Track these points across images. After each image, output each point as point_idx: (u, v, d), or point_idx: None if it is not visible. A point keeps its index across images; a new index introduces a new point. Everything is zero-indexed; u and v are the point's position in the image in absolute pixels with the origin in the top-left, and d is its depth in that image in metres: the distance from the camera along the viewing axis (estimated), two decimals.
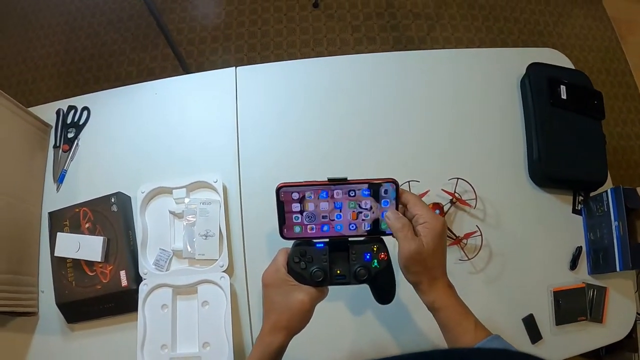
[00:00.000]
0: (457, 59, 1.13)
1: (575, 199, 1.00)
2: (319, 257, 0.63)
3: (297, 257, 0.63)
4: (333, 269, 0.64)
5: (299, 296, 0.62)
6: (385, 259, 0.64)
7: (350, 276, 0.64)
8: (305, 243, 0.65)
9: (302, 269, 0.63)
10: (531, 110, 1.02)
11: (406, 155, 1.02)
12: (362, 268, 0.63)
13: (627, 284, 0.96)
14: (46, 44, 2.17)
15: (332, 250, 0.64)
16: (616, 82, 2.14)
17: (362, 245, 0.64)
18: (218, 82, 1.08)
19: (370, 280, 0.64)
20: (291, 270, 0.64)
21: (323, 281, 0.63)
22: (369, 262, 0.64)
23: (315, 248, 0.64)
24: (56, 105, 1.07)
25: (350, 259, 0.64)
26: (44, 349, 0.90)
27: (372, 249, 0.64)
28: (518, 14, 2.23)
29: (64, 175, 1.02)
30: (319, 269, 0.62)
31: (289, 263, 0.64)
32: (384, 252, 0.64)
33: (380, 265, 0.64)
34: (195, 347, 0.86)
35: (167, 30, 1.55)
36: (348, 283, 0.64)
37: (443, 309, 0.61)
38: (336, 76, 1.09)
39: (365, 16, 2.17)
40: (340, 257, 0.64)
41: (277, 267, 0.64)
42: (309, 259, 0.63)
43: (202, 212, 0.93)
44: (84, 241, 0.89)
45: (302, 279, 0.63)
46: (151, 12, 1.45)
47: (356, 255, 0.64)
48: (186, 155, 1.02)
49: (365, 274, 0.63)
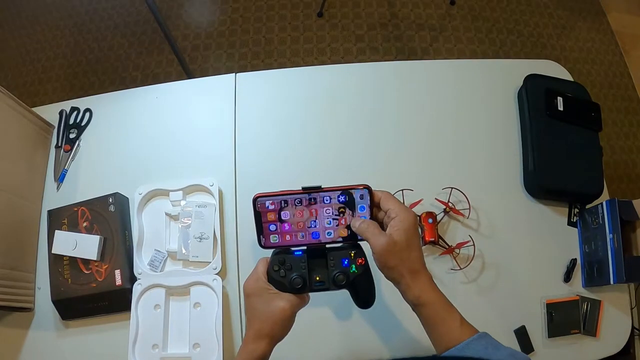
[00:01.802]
0: (456, 69, 1.14)
1: (570, 211, 1.00)
2: (298, 265, 0.64)
3: (276, 265, 0.64)
4: (312, 275, 0.64)
5: (280, 304, 0.62)
6: (363, 264, 0.65)
7: (330, 282, 0.64)
8: (284, 251, 0.66)
9: (281, 277, 0.64)
10: (527, 121, 1.02)
11: (400, 164, 1.03)
12: (341, 273, 0.64)
13: (621, 297, 0.95)
14: (53, 46, 2.21)
15: (310, 257, 0.65)
16: (619, 96, 2.14)
17: (340, 252, 0.65)
18: (218, 87, 1.10)
19: (349, 285, 0.64)
20: (271, 278, 0.64)
21: (302, 288, 0.63)
22: (347, 268, 0.64)
23: (294, 256, 0.65)
24: (59, 106, 1.09)
25: (328, 265, 0.65)
26: (38, 344, 0.91)
27: (350, 255, 0.65)
28: (521, 27, 2.24)
29: (64, 174, 1.04)
30: (298, 276, 0.63)
31: (269, 272, 0.64)
32: (362, 257, 0.65)
33: (359, 270, 0.64)
34: (186, 347, 0.86)
35: (171, 36, 1.57)
36: (327, 289, 0.65)
37: (428, 304, 0.60)
38: (333, 84, 1.11)
39: (369, 26, 2.19)
40: (318, 264, 0.65)
41: (257, 276, 0.65)
42: (288, 267, 0.64)
43: (198, 214, 0.94)
44: (81, 240, 0.91)
45: (282, 286, 0.63)
46: (155, 17, 1.47)
47: (334, 261, 0.65)
48: (184, 159, 1.03)
49: (343, 279, 0.63)
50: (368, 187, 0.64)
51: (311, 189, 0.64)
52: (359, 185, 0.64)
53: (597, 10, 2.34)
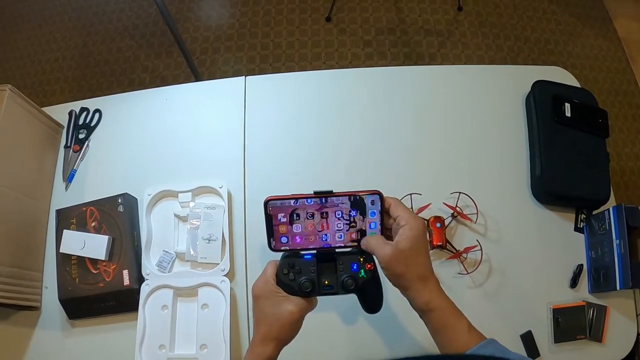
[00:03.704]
0: (464, 74, 1.15)
1: (577, 216, 1.00)
2: (307, 269, 0.64)
3: (285, 268, 0.64)
4: (321, 279, 0.65)
5: (288, 307, 0.62)
6: (372, 269, 0.65)
7: (338, 286, 0.64)
8: (294, 255, 0.66)
9: (290, 280, 0.64)
10: (535, 127, 1.02)
11: (409, 168, 1.03)
12: (350, 278, 0.64)
13: (627, 304, 0.95)
14: (62, 47, 2.23)
15: (319, 261, 0.65)
16: (625, 103, 2.13)
17: (349, 256, 0.66)
18: (228, 90, 1.11)
19: (357, 290, 0.65)
20: (280, 281, 0.64)
21: (311, 292, 0.63)
22: (356, 272, 0.65)
23: (303, 259, 0.66)
24: (69, 107, 1.10)
25: (337, 270, 0.65)
26: (44, 343, 0.92)
27: (359, 260, 0.65)
28: (529, 33, 2.24)
29: (73, 174, 1.04)
30: (307, 280, 0.63)
31: (278, 274, 0.65)
32: (371, 262, 0.65)
33: (367, 275, 0.65)
34: (193, 348, 0.86)
35: (180, 38, 1.58)
36: (336, 293, 0.65)
37: (437, 309, 0.61)
38: (343, 89, 1.11)
39: (377, 31, 2.20)
40: (327, 268, 0.65)
41: (266, 278, 0.65)
42: (297, 270, 0.64)
43: (206, 216, 0.94)
44: (89, 239, 0.91)
45: (291, 290, 0.64)
46: (165, 20, 1.49)
47: (343, 265, 0.65)
48: (193, 161, 1.04)
49: (352, 283, 0.64)
50: (379, 193, 0.64)
51: (323, 194, 0.64)
52: (371, 191, 0.64)
53: (603, 17, 2.33)
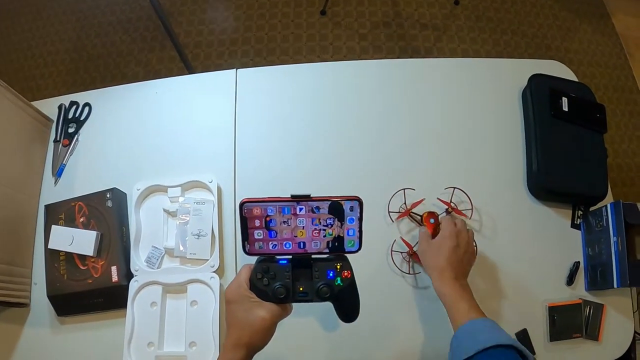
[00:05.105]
0: (460, 68, 1.13)
1: (574, 213, 0.99)
2: (282, 274, 0.63)
3: (260, 273, 0.63)
4: (296, 285, 0.63)
5: (260, 313, 0.61)
6: (349, 277, 0.63)
7: (313, 293, 0.63)
8: (269, 259, 0.64)
9: (264, 285, 0.62)
10: (531, 121, 1.01)
11: (402, 163, 1.01)
12: (325, 286, 0.62)
13: (624, 302, 0.94)
14: (55, 41, 2.21)
15: (295, 267, 0.64)
16: (623, 99, 2.12)
17: (326, 263, 0.64)
18: (219, 83, 1.09)
19: (333, 298, 0.63)
20: (254, 286, 0.63)
21: (285, 298, 0.62)
22: (332, 280, 0.63)
23: (279, 265, 0.64)
24: (58, 100, 1.08)
25: (313, 276, 0.63)
26: (33, 340, 0.91)
27: (336, 267, 0.63)
28: (525, 28, 2.22)
29: (62, 169, 1.03)
30: (281, 286, 0.62)
31: (252, 279, 0.63)
32: (348, 270, 0.63)
33: (344, 283, 0.63)
34: (182, 346, 0.85)
35: (173, 31, 1.57)
36: (311, 300, 0.63)
37: (446, 294, 0.76)
38: (336, 82, 1.09)
39: (373, 25, 2.18)
40: (303, 274, 0.63)
41: (239, 283, 0.64)
42: (272, 276, 0.62)
43: (196, 211, 0.92)
44: (77, 235, 0.90)
45: (264, 295, 0.62)
46: (157, 13, 1.47)
47: (319, 272, 0.63)
48: (183, 155, 1.02)
49: (328, 291, 0.62)
50: (359, 199, 0.62)
51: (300, 198, 0.61)
52: (350, 197, 0.62)
53: (602, 13, 2.32)
